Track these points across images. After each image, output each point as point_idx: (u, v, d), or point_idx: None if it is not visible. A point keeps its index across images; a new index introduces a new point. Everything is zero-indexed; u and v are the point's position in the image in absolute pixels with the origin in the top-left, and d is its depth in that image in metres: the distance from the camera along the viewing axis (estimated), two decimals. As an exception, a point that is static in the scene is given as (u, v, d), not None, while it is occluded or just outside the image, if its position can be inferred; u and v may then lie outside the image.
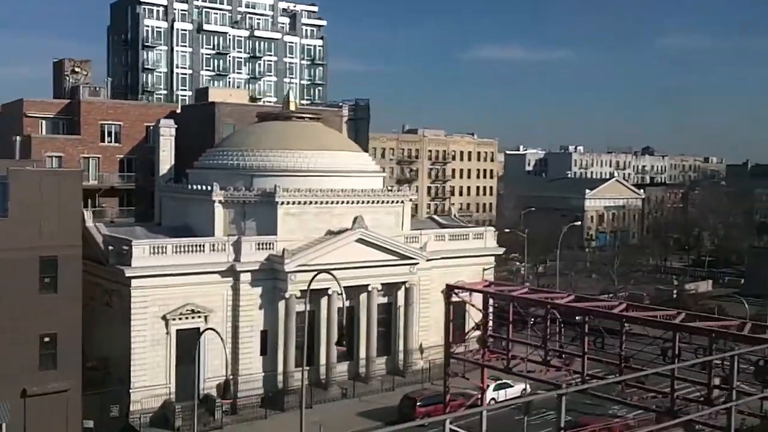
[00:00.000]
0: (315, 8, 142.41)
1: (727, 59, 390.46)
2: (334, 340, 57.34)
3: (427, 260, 62.05)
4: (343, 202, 58.74)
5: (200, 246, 54.00)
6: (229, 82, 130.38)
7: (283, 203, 56.25)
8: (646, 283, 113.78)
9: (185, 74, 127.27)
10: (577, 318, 37.88)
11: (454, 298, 43.27)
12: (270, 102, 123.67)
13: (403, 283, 60.87)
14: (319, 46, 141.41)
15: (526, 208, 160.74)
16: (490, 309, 40.49)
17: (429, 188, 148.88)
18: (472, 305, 42.09)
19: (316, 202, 57.64)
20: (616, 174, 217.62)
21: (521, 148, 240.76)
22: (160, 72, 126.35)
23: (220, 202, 56.86)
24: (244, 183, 58.38)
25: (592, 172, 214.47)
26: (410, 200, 65.65)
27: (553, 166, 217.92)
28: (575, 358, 36.26)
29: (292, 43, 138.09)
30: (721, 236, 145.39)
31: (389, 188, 64.52)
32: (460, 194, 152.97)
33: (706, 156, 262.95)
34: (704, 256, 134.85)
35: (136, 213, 76.43)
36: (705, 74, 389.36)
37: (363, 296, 59.72)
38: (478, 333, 40.04)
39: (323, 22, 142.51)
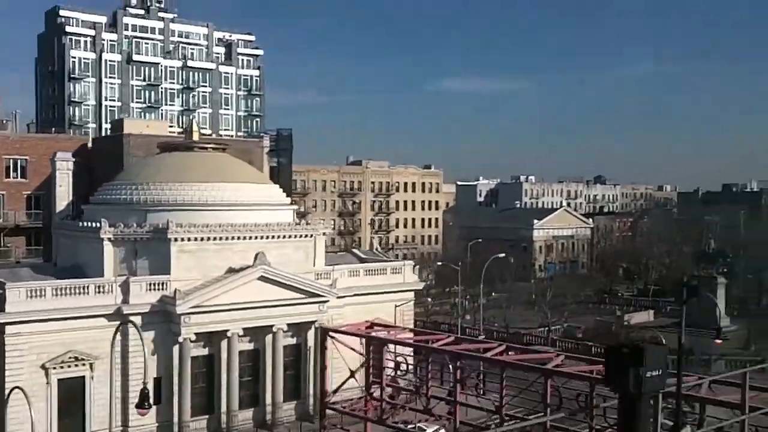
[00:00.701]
0: (252, 38, 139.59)
1: (680, 87, 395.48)
2: (235, 386, 53.45)
3: (339, 297, 58.47)
4: (244, 238, 55.06)
5: (84, 288, 49.93)
6: (162, 114, 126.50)
7: (176, 240, 52.42)
8: (590, 314, 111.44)
9: (114, 107, 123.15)
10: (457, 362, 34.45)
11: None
12: (205, 134, 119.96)
13: (312, 322, 57.15)
14: (255, 76, 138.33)
15: (473, 239, 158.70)
16: (385, 353, 36.90)
17: (372, 221, 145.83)
18: (352, 349, 38.57)
19: (214, 238, 53.89)
20: (565, 203, 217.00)
21: (481, 178, 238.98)
22: (88, 105, 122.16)
23: (109, 239, 52.88)
24: (138, 219, 54.50)
25: (543, 202, 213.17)
26: (323, 234, 62.14)
27: (504, 196, 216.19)
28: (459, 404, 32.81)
29: (227, 73, 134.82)
30: (668, 265, 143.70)
31: (297, 222, 60.88)
32: (405, 226, 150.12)
33: (661, 184, 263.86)
34: (650, 285, 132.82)
35: (44, 253, 72.07)
36: (658, 103, 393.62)
37: (268, 337, 55.90)
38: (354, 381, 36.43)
39: (260, 52, 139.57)
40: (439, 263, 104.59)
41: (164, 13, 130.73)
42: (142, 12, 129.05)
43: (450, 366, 34.12)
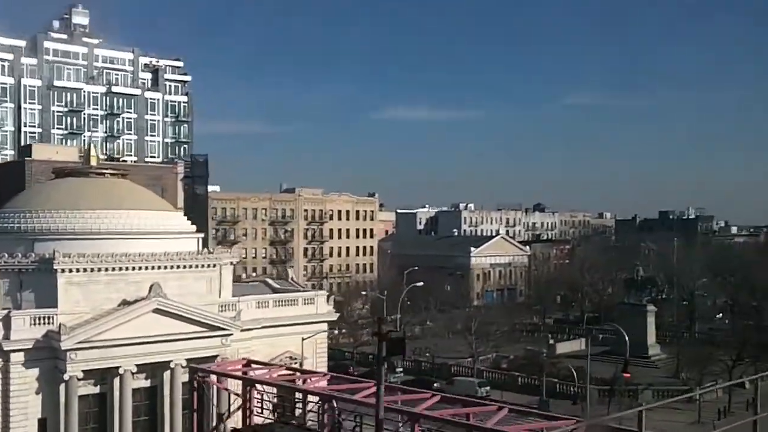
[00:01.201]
0: (179, 63, 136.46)
1: (617, 117, 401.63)
2: (129, 427, 49.95)
3: (245, 330, 55.48)
4: (140, 268, 51.81)
5: (-40, 323, 46.24)
6: (84, 140, 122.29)
7: (63, 270, 49.02)
8: (522, 343, 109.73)
9: (34, 133, 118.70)
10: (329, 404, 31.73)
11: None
12: (128, 160, 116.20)
13: (215, 357, 53.97)
14: (183, 102, 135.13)
15: (411, 267, 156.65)
16: (256, 393, 33.96)
17: (305, 249, 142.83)
18: (226, 389, 35.73)
19: (105, 269, 50.56)
20: (503, 231, 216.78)
21: (427, 207, 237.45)
22: (6, 130, 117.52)
23: (-9, 271, 49.25)
24: (25, 248, 50.96)
25: (482, 230, 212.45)
26: (230, 263, 59.12)
27: (443, 224, 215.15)
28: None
29: (154, 99, 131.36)
30: (602, 292, 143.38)
31: (200, 252, 57.77)
32: (339, 255, 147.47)
33: (601, 212, 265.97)
34: (585, 313, 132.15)
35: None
36: (597, 132, 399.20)
37: (166, 374, 52.54)
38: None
39: (188, 78, 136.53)
40: (364, 293, 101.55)
41: (88, 38, 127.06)
42: (64, 36, 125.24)
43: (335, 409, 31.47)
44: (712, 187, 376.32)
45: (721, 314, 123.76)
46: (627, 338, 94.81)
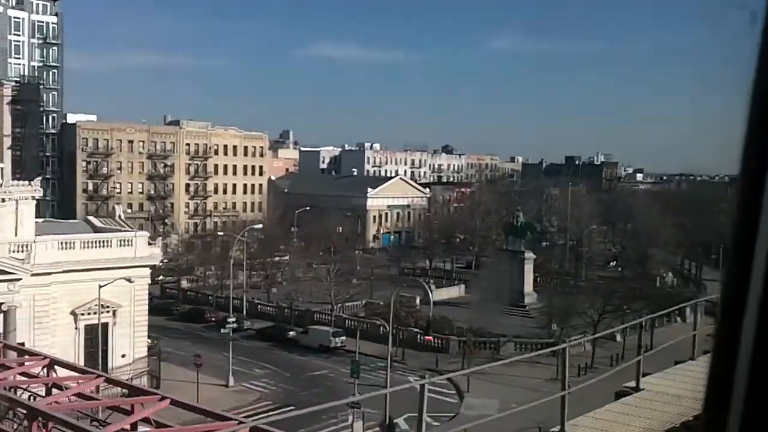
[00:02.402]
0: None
1: (534, 63, 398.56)
2: None
3: (39, 274, 48.44)
4: None
5: None
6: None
7: None
8: (408, 288, 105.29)
9: None
10: None
11: None
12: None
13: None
14: (53, 23, 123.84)
15: (306, 207, 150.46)
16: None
17: (187, 185, 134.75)
18: None
19: None
20: (409, 173, 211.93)
21: (333, 146, 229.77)
22: None
23: None
24: None
25: (386, 171, 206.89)
26: (32, 198, 51.63)
27: (346, 164, 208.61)
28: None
29: (18, 18, 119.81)
30: (493, 238, 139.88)
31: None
32: (224, 192, 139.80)
33: (513, 156, 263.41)
34: (475, 259, 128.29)
35: None
36: (515, 77, 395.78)
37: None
38: None
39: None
40: (220, 234, 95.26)
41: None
42: None
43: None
44: (624, 136, 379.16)
45: (614, 262, 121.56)
46: (501, 285, 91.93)
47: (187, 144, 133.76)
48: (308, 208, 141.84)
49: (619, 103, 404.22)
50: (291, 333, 72.90)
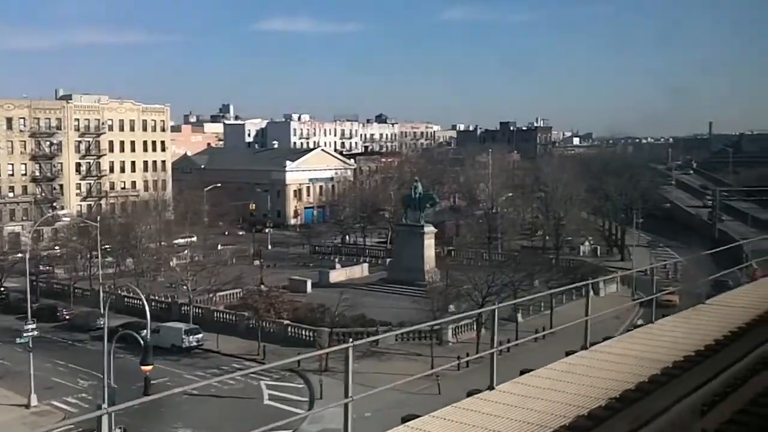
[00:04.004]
0: None
1: (484, 32, 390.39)
2: None
3: None
4: None
5: None
6: None
7: None
8: (314, 268, 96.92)
9: None
10: None
11: None
12: None
13: None
14: None
15: (225, 183, 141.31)
16: None
17: (78, 165, 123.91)
18: None
19: None
20: (339, 143, 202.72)
21: (260, 118, 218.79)
22: None
23: None
24: None
25: (315, 142, 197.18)
26: None
27: (273, 136, 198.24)
28: None
29: None
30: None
31: None
32: (122, 170, 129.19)
33: (455, 124, 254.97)
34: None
35: None
36: (463, 46, 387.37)
37: None
38: None
39: None
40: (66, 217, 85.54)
41: None
42: None
43: None
44: (568, 100, 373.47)
45: (540, 232, 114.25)
46: (400, 263, 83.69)
47: (77, 120, 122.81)
48: (219, 184, 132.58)
49: (568, 66, 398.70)
50: (143, 332, 63.42)
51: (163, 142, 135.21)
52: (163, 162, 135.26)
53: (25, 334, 49.92)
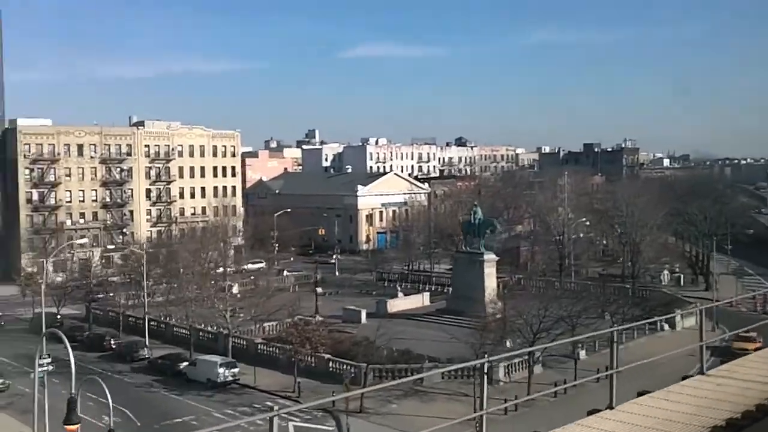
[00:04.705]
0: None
1: (560, 54, 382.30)
2: None
3: None
4: None
5: None
6: None
7: None
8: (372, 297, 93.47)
9: None
10: None
11: None
12: None
13: None
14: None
15: (299, 208, 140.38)
16: None
17: (148, 191, 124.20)
18: None
19: None
20: (416, 167, 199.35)
21: (341, 143, 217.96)
22: None
23: None
24: None
25: (391, 166, 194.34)
26: None
27: (349, 160, 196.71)
28: None
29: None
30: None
31: None
32: (192, 196, 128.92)
33: (540, 146, 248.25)
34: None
35: None
36: (550, 68, 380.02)
37: None
38: None
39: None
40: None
41: None
42: None
43: None
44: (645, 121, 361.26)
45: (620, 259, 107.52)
46: (461, 293, 78.91)
47: (146, 146, 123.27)
48: (288, 209, 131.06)
49: (664, 86, 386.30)
50: (183, 365, 61.06)
51: (233, 168, 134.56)
52: (234, 187, 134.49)
53: (40, 369, 47.52)
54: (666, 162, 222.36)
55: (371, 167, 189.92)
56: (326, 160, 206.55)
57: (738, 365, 13.17)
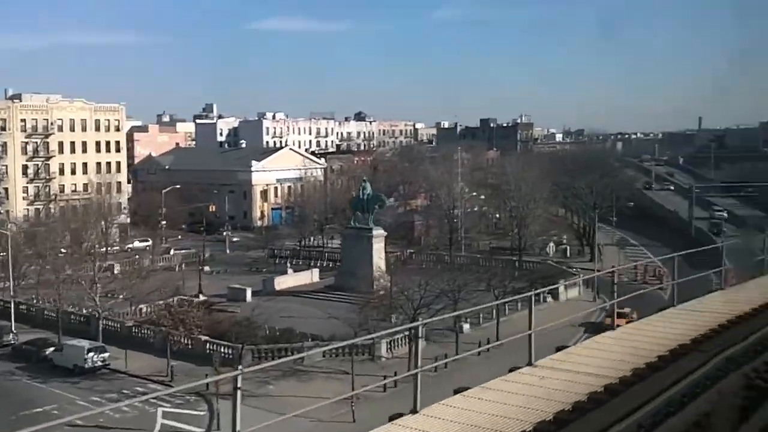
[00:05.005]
0: None
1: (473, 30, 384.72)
2: None
3: None
4: None
5: None
6: None
7: None
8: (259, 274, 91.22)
9: None
10: None
11: None
12: None
13: None
14: None
15: (190, 185, 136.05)
16: None
17: (25, 167, 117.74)
18: None
19: None
20: (314, 142, 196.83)
21: (234, 116, 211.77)
22: None
23: None
24: None
25: (288, 141, 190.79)
26: None
27: (245, 135, 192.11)
28: None
29: None
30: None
31: None
32: (73, 173, 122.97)
33: (439, 121, 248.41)
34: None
35: None
36: (449, 44, 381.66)
37: None
38: None
39: None
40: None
41: None
42: None
43: None
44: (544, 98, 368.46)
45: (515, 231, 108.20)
46: (350, 268, 77.52)
47: (23, 120, 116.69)
48: (178, 185, 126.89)
49: (559, 64, 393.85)
50: (49, 350, 57.56)
51: (117, 142, 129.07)
52: (118, 163, 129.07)
53: None
54: (559, 137, 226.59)
55: (268, 142, 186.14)
56: (221, 134, 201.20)
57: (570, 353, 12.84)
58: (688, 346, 12.17)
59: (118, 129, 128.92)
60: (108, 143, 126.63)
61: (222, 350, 55.51)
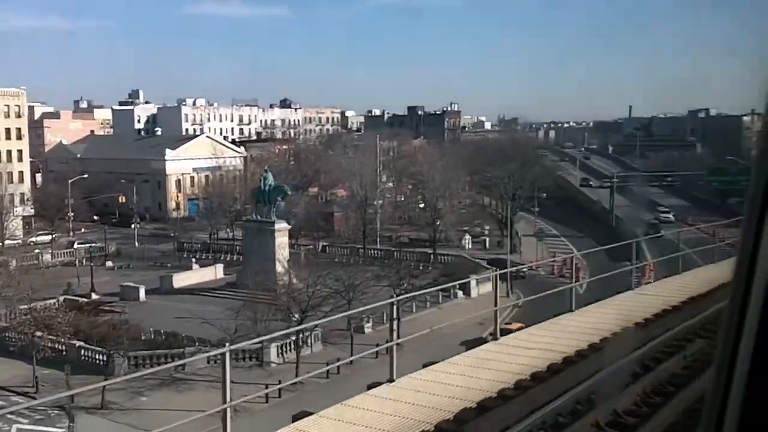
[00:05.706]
0: None
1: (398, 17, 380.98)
2: None
3: None
4: None
5: None
6: None
7: None
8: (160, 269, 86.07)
9: None
10: None
11: None
12: None
13: None
14: None
15: (104, 174, 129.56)
16: None
17: None
18: None
19: None
20: (237, 130, 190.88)
21: (153, 102, 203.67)
22: None
23: None
24: None
25: (210, 128, 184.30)
26: None
27: (163, 122, 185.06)
28: None
29: None
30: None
31: None
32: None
33: (371, 109, 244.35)
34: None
35: None
36: (378, 31, 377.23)
37: None
38: None
39: None
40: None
41: None
42: None
43: None
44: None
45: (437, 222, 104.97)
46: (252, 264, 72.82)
47: None
48: (86, 175, 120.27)
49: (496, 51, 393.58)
50: None
51: (19, 129, 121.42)
52: (20, 151, 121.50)
53: None
54: (488, 125, 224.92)
55: (187, 129, 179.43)
56: (139, 122, 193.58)
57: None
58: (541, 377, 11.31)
59: (19, 115, 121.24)
60: (8, 130, 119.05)
61: (98, 357, 50.50)
